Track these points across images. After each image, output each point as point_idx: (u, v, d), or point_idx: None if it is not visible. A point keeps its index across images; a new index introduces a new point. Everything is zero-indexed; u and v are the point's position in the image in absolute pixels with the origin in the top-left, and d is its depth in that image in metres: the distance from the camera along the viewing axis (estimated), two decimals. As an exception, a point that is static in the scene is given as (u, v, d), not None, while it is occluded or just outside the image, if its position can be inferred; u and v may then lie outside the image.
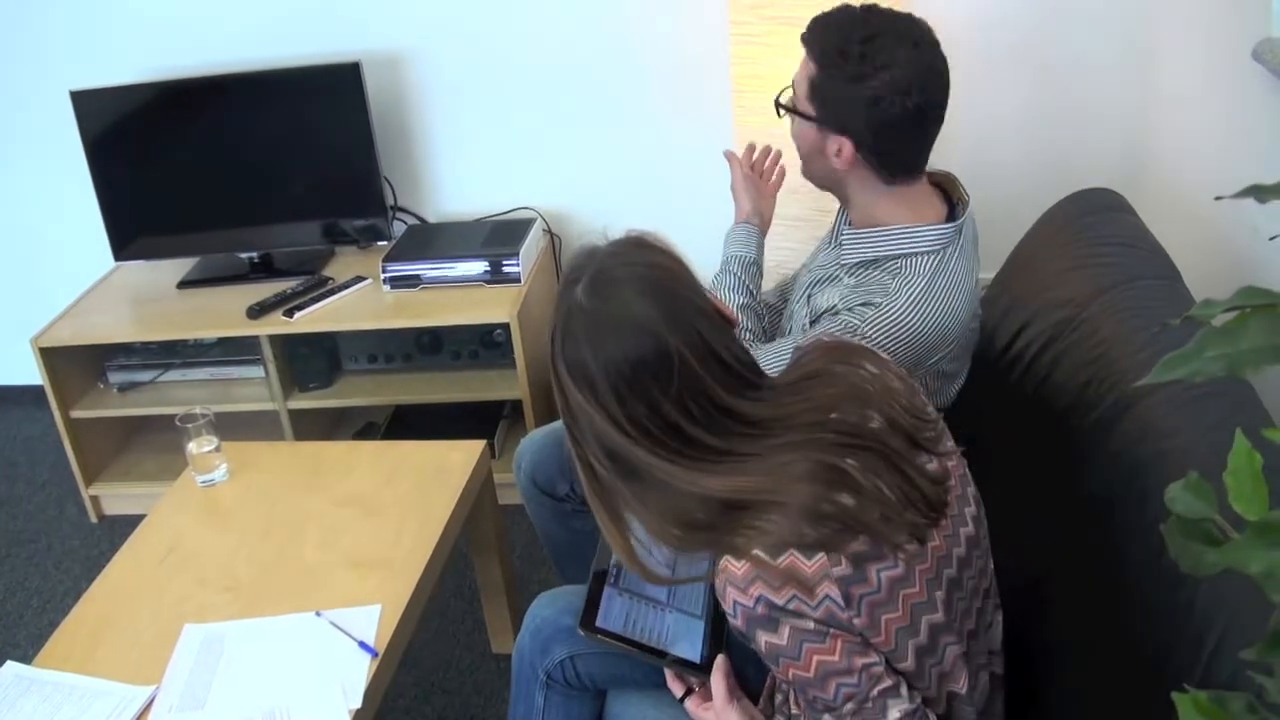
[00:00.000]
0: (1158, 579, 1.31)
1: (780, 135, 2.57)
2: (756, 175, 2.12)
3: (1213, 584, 1.16)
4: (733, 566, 1.24)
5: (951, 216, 1.81)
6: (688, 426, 1.28)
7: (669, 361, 1.26)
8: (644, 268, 1.31)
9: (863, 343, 1.54)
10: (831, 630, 1.25)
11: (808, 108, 1.74)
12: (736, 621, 1.26)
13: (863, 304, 1.74)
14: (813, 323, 1.84)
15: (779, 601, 1.22)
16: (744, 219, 2.07)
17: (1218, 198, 0.97)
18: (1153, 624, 1.31)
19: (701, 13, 2.92)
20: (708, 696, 1.50)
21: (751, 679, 1.52)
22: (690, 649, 1.57)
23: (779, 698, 1.54)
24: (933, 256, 1.75)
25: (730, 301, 1.96)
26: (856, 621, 1.25)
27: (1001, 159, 2.94)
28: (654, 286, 1.29)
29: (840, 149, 1.73)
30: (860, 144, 1.72)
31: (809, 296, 1.89)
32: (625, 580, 1.64)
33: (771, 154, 2.15)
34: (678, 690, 1.55)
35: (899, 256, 1.76)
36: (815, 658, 1.25)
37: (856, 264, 1.81)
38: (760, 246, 2.06)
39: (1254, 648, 0.84)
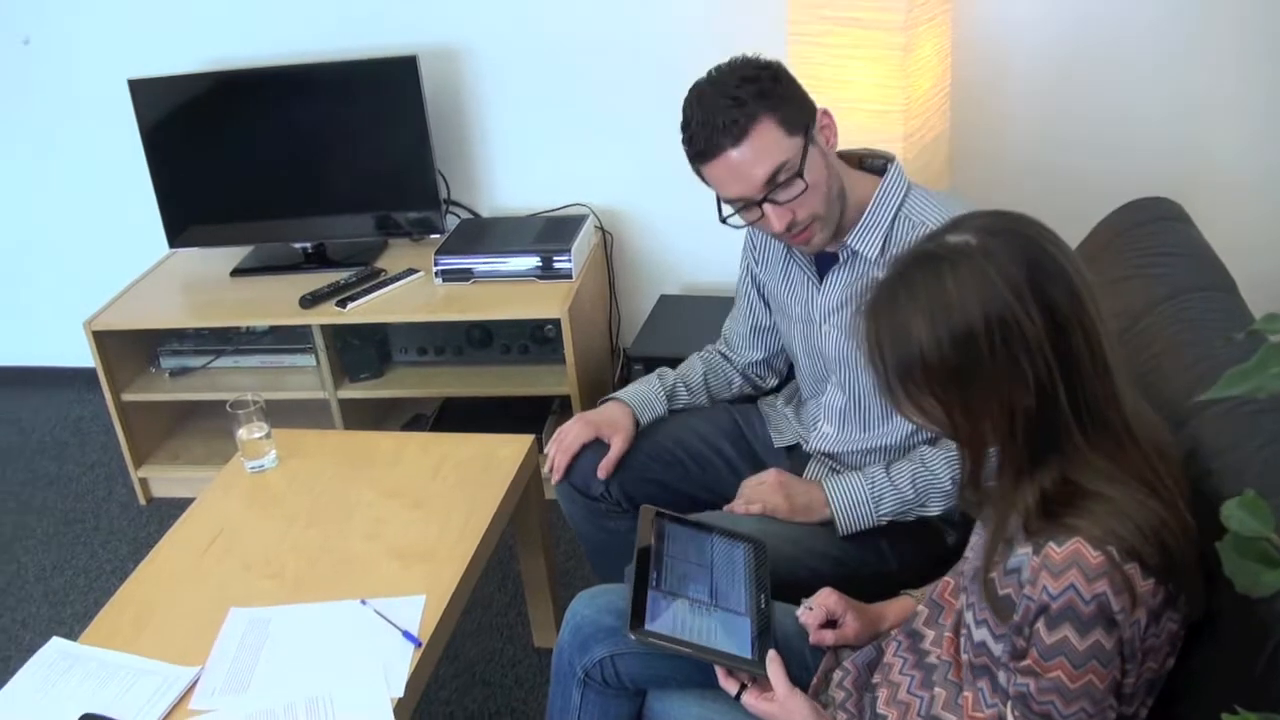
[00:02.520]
0: (1210, 597, 1.29)
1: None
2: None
3: (1267, 603, 1.14)
4: (1087, 553, 1.19)
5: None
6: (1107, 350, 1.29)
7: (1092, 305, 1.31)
8: None
9: None
10: (1118, 658, 1.22)
11: (795, 148, 1.75)
12: (1052, 603, 1.20)
13: None
14: None
15: (1114, 608, 1.19)
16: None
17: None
18: (1203, 643, 1.30)
19: (761, 12, 2.90)
20: (764, 690, 1.51)
21: (796, 678, 1.52)
22: (740, 646, 1.57)
23: (840, 694, 1.53)
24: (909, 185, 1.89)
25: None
26: (1137, 658, 1.23)
27: (1052, 168, 2.91)
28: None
29: (824, 124, 1.82)
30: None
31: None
32: (666, 583, 1.64)
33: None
34: (731, 688, 1.54)
35: (898, 206, 1.86)
36: (1090, 676, 1.21)
37: (880, 252, 1.86)
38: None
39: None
